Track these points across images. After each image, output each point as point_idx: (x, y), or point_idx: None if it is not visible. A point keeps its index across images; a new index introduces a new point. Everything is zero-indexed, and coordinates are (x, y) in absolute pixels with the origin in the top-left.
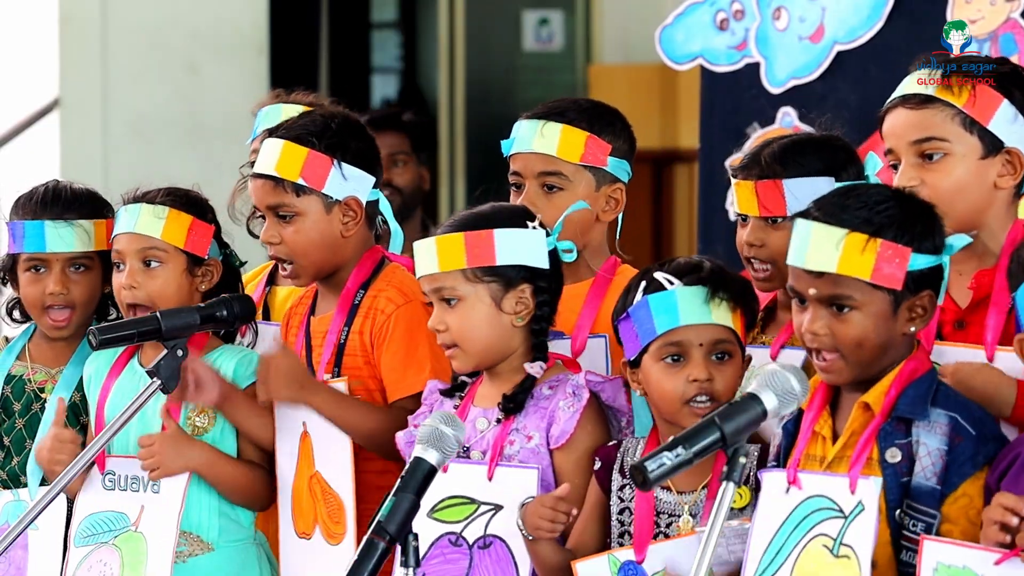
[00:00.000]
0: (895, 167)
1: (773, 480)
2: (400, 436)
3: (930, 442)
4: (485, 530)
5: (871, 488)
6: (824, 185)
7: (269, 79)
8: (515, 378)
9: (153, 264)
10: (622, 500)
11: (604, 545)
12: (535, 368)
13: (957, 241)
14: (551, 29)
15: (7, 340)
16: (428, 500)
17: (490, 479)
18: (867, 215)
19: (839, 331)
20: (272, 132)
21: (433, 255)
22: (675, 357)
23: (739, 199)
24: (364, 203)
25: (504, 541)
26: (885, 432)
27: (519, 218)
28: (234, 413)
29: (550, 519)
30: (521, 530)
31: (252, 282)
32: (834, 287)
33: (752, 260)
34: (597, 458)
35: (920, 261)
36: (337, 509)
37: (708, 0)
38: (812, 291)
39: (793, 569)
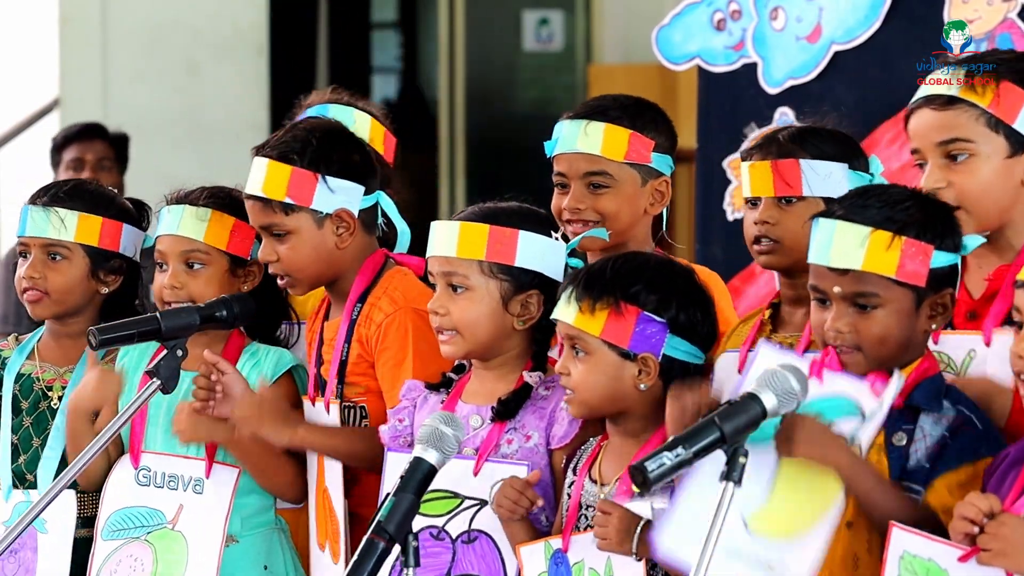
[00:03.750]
0: (921, 166)
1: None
2: (383, 430)
3: (932, 431)
4: (470, 524)
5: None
6: (838, 170)
7: (269, 79)
8: (508, 377)
9: (196, 266)
10: (569, 496)
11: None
12: (533, 378)
13: (971, 241)
14: (551, 29)
15: (18, 340)
16: None
17: (476, 474)
18: (890, 213)
19: (863, 328)
20: (258, 150)
21: (453, 239)
22: None
23: (752, 181)
24: (356, 213)
25: (490, 536)
26: (892, 418)
27: (544, 225)
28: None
29: (514, 500)
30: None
31: None
32: (859, 284)
33: (761, 239)
34: (564, 455)
35: (941, 259)
36: (336, 530)
37: (705, 0)
38: (836, 289)
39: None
